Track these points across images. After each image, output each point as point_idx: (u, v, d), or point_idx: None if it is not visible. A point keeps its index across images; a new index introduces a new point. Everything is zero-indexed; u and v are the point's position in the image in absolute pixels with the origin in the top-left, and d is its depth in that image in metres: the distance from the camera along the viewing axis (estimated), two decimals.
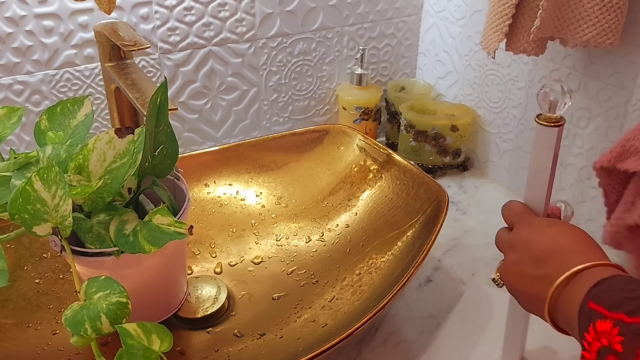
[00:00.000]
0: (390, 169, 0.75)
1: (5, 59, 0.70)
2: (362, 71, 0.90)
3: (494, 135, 0.88)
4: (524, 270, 0.46)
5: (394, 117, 0.94)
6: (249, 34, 0.82)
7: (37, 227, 0.46)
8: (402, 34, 0.95)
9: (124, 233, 0.49)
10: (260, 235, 0.74)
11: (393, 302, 0.59)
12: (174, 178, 0.60)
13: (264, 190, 0.78)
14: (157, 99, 0.50)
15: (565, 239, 0.45)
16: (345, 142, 0.81)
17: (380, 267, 0.65)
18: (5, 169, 0.51)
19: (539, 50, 0.66)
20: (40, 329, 0.61)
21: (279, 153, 0.80)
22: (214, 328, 0.62)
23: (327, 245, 0.72)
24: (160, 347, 0.45)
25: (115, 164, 0.50)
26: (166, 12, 0.76)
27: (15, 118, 0.56)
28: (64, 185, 0.46)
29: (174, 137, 0.53)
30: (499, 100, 0.85)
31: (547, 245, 0.45)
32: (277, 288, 0.67)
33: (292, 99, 0.91)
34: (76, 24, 0.71)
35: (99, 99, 0.77)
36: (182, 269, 0.63)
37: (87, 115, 0.56)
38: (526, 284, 0.46)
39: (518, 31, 0.66)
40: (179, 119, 0.83)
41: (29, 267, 0.65)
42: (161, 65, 0.79)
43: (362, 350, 0.61)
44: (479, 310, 0.66)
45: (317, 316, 0.62)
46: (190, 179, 0.75)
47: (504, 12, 0.65)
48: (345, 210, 0.75)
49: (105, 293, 0.46)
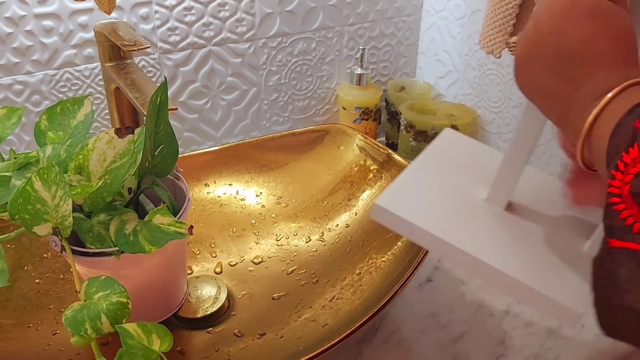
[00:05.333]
0: (390, 169, 0.75)
1: (5, 59, 0.70)
2: (362, 71, 0.90)
3: (494, 135, 0.88)
4: (542, 58, 0.38)
5: (394, 117, 0.94)
6: (248, 34, 0.82)
7: (37, 227, 0.46)
8: (402, 34, 0.95)
9: (124, 233, 0.49)
10: (260, 235, 0.74)
11: (393, 302, 0.59)
12: (174, 178, 0.60)
13: (264, 190, 0.78)
14: (157, 99, 0.50)
15: (606, 43, 0.36)
16: (345, 142, 0.81)
17: (381, 267, 0.65)
18: (5, 169, 0.51)
19: None
20: (40, 329, 0.61)
21: (279, 153, 0.80)
22: (214, 328, 0.62)
23: (327, 244, 0.72)
24: (161, 347, 0.45)
25: (115, 164, 0.50)
26: (166, 12, 0.76)
27: (15, 118, 0.56)
28: (64, 185, 0.46)
29: (174, 137, 0.53)
30: (498, 100, 0.85)
31: (579, 45, 0.36)
32: (277, 288, 0.67)
33: (292, 99, 0.91)
34: (76, 24, 0.71)
35: (99, 99, 0.77)
36: (182, 269, 0.63)
37: (87, 115, 0.56)
38: (540, 73, 0.38)
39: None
40: (179, 119, 0.83)
41: (29, 267, 0.65)
42: (161, 65, 0.79)
43: (363, 349, 0.61)
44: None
45: (318, 316, 0.62)
46: (190, 179, 0.75)
47: (508, 12, 0.65)
48: (345, 210, 0.75)
49: (106, 293, 0.46)
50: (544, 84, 0.38)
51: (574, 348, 0.61)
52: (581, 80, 0.36)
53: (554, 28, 0.37)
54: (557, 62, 0.37)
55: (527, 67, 0.39)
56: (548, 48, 0.37)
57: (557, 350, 0.61)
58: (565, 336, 0.63)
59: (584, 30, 0.36)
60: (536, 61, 0.38)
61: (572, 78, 0.36)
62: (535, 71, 0.38)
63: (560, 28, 0.37)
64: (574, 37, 0.36)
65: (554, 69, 0.37)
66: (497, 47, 0.67)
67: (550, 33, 0.37)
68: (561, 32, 0.37)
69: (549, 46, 0.37)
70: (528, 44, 0.39)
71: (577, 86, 0.36)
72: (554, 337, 0.63)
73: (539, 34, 0.38)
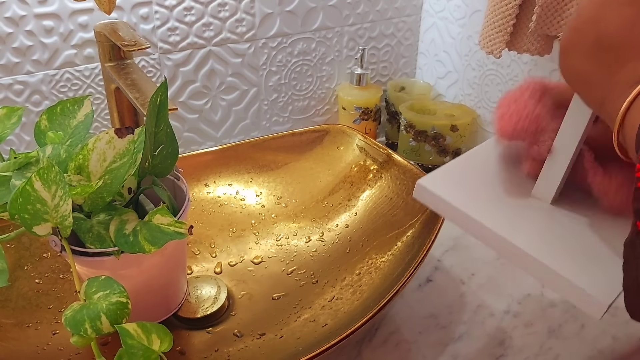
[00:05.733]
0: (390, 169, 0.75)
1: (5, 59, 0.70)
2: (362, 71, 0.90)
3: (493, 135, 0.88)
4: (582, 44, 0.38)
5: (394, 117, 0.94)
6: (249, 34, 0.82)
7: (37, 227, 0.46)
8: (402, 34, 0.95)
9: (124, 233, 0.49)
10: (260, 235, 0.74)
11: (393, 302, 0.59)
12: (174, 178, 0.60)
13: (264, 190, 0.78)
14: (157, 99, 0.50)
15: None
16: (345, 142, 0.81)
17: (380, 267, 0.65)
18: (5, 169, 0.51)
19: (543, 50, 0.66)
20: (40, 328, 0.61)
21: (279, 153, 0.80)
22: (214, 328, 0.62)
23: (327, 245, 0.72)
24: (160, 347, 0.45)
25: (115, 164, 0.50)
26: (166, 12, 0.76)
27: (15, 118, 0.56)
28: (64, 185, 0.46)
29: (174, 137, 0.53)
30: (498, 100, 0.85)
31: (618, 31, 0.37)
32: (277, 288, 0.67)
33: (292, 99, 0.91)
34: (76, 24, 0.71)
35: (99, 99, 0.77)
36: (182, 269, 0.63)
37: (87, 115, 0.56)
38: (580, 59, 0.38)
39: (522, 31, 0.66)
40: (179, 119, 0.83)
41: (29, 267, 0.65)
42: (161, 65, 0.79)
43: (362, 350, 0.61)
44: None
45: (317, 316, 0.62)
46: (190, 179, 0.75)
47: (507, 12, 0.65)
48: (345, 210, 0.75)
49: (105, 293, 0.46)
50: (585, 70, 0.38)
51: (574, 348, 0.61)
52: (618, 66, 0.36)
53: (594, 14, 0.38)
54: (597, 49, 0.37)
55: (570, 54, 0.39)
56: (589, 34, 0.38)
57: (557, 350, 0.61)
58: (565, 336, 0.63)
59: (623, 16, 0.36)
60: (578, 48, 0.39)
61: (610, 64, 0.37)
62: (577, 58, 0.39)
63: (600, 14, 0.37)
64: (614, 23, 0.37)
65: (593, 55, 0.37)
66: (497, 47, 0.67)
67: (590, 19, 0.38)
68: (601, 18, 0.37)
69: (589, 32, 0.38)
70: (571, 31, 0.39)
71: (614, 72, 0.36)
72: (554, 337, 0.63)
73: (580, 21, 0.39)
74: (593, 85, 0.38)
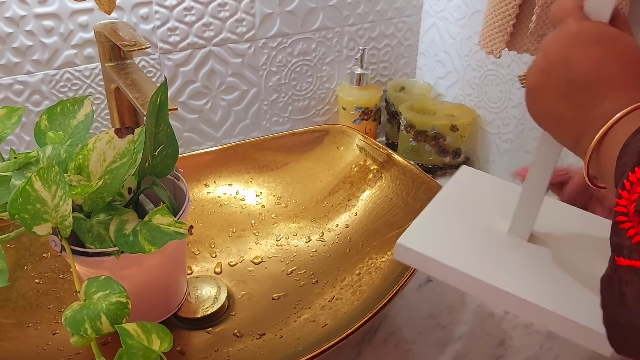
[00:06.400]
0: (390, 169, 0.75)
1: (5, 59, 0.70)
2: (362, 71, 0.90)
3: (493, 135, 0.88)
4: (553, 85, 0.39)
5: (394, 117, 0.94)
6: (249, 34, 0.82)
7: (37, 227, 0.46)
8: (402, 34, 0.95)
9: (124, 233, 0.49)
10: (260, 235, 0.74)
11: (393, 302, 0.59)
12: (174, 178, 0.60)
13: (264, 190, 0.78)
14: (157, 99, 0.50)
15: (614, 68, 0.37)
16: (345, 142, 0.81)
17: (380, 267, 0.65)
18: (5, 169, 0.51)
19: None
20: (40, 328, 0.61)
21: (279, 153, 0.80)
22: (214, 328, 0.62)
23: (327, 245, 0.72)
24: (160, 347, 0.45)
25: (115, 164, 0.50)
26: (166, 12, 0.76)
27: (15, 118, 0.56)
28: (64, 185, 0.46)
29: (174, 137, 0.53)
30: (498, 100, 0.85)
31: (589, 71, 0.37)
32: (277, 288, 0.67)
33: (292, 99, 0.91)
34: (76, 24, 0.71)
35: (99, 99, 0.77)
36: (182, 269, 0.63)
37: (87, 115, 0.56)
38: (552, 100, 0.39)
39: (522, 31, 0.66)
40: (179, 119, 0.83)
41: (29, 267, 0.65)
42: (161, 65, 0.79)
43: (362, 350, 0.61)
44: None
45: (317, 316, 0.62)
46: (190, 179, 0.75)
47: (507, 12, 0.65)
48: (345, 210, 0.75)
49: (105, 293, 0.46)
50: (557, 110, 0.39)
51: (574, 348, 0.61)
52: (592, 104, 0.37)
53: (562, 56, 0.38)
54: (569, 88, 0.38)
55: (539, 95, 0.40)
56: (559, 75, 0.38)
57: (557, 350, 0.61)
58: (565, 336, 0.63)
59: (591, 56, 0.37)
60: (548, 89, 0.39)
61: (583, 103, 0.37)
62: (547, 98, 0.39)
63: (568, 55, 0.38)
64: (583, 63, 0.37)
65: (565, 95, 0.38)
66: (497, 47, 0.67)
67: (559, 61, 0.38)
68: (570, 59, 0.38)
69: (559, 73, 0.38)
70: (538, 73, 0.40)
71: (588, 110, 0.37)
72: (554, 337, 0.63)
73: (548, 62, 0.39)
74: (567, 124, 0.38)
